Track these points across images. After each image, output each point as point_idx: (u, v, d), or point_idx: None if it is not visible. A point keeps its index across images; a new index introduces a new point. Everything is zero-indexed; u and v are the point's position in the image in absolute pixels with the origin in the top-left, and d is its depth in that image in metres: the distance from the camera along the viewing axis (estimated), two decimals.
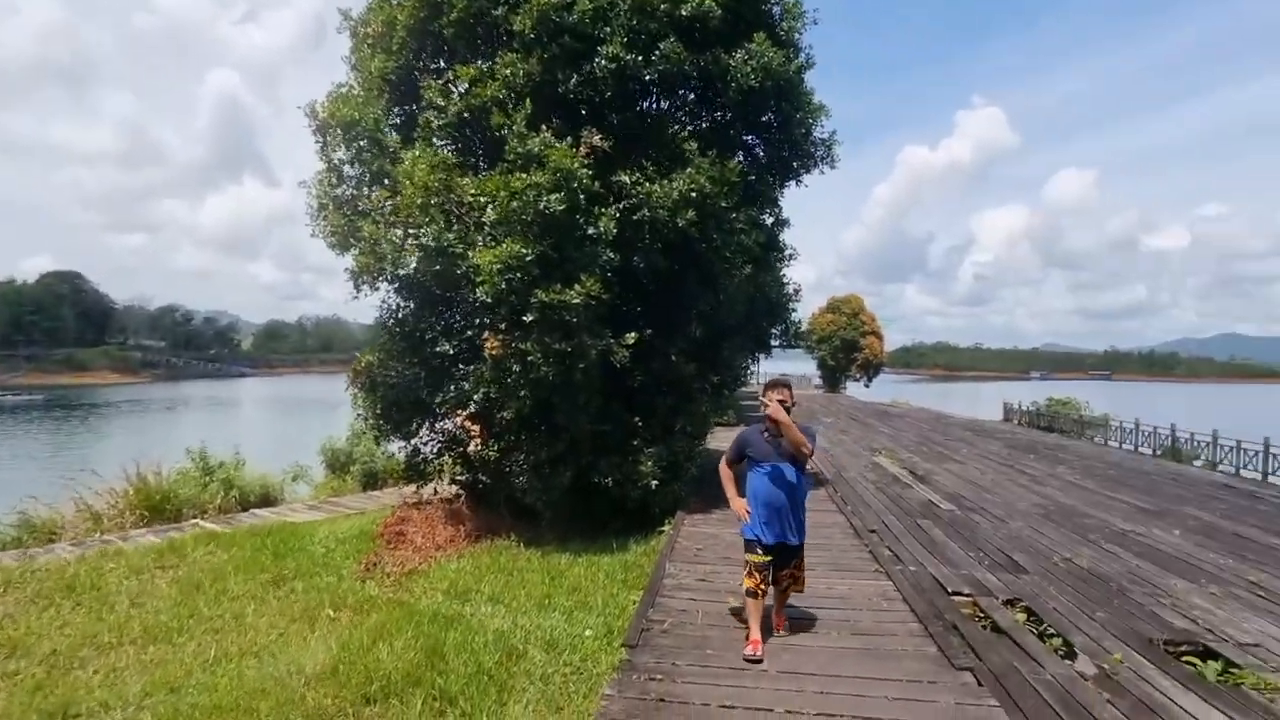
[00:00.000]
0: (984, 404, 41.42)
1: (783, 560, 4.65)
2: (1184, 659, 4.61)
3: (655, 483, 8.23)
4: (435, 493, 9.95)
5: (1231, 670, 4.39)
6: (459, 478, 9.65)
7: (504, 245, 6.98)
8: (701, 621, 4.94)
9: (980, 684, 4.03)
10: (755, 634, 4.42)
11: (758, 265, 8.81)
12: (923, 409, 32.10)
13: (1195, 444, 16.75)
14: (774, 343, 11.15)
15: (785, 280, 10.36)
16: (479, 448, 8.99)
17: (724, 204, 7.78)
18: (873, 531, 7.74)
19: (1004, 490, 10.79)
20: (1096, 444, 19.50)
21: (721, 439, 16.88)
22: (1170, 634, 4.92)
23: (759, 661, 4.27)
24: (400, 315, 9.00)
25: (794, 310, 10.60)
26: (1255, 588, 6.07)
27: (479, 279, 7.04)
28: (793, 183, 9.69)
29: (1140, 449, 18.23)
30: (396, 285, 8.74)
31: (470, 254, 7.26)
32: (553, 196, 6.98)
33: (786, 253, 9.90)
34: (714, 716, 3.71)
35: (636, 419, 8.50)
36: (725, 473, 4.82)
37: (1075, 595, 5.72)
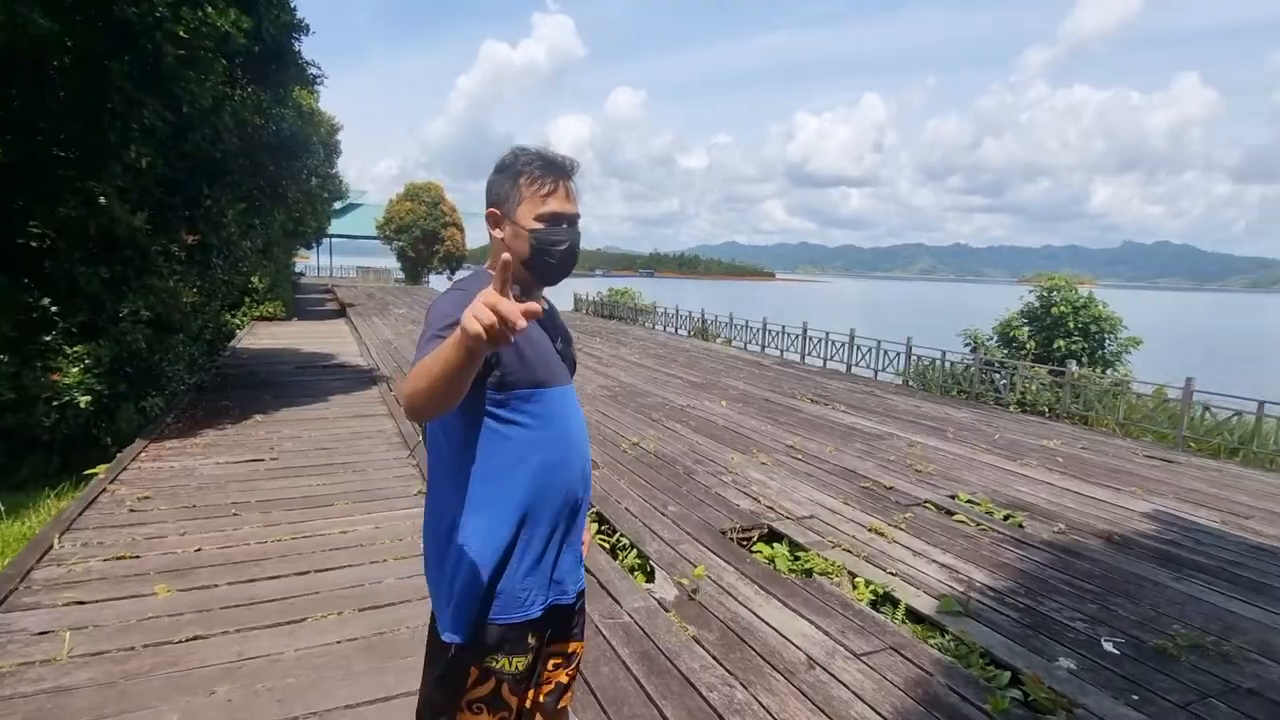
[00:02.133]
0: (559, 296, 43.64)
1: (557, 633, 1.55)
2: (754, 549, 4.09)
3: (87, 399, 5.21)
4: None
5: (799, 554, 3.97)
6: None
7: None
8: (69, 677, 2.66)
9: None
10: None
11: (255, 77, 6.01)
12: None
13: (718, 324, 19.38)
14: (332, 217, 8.37)
15: (317, 112, 7.58)
16: None
17: None
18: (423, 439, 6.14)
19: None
20: (647, 328, 21.39)
21: (269, 337, 13.46)
22: (737, 519, 4.41)
23: None
24: None
25: (337, 155, 7.94)
26: (794, 451, 6.24)
27: None
28: None
29: (679, 331, 20.52)
30: None
31: None
32: None
33: (309, 70, 6.89)
34: None
35: (46, 300, 5.22)
36: None
37: (645, 488, 4.98)
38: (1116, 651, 3.01)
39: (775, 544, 4.15)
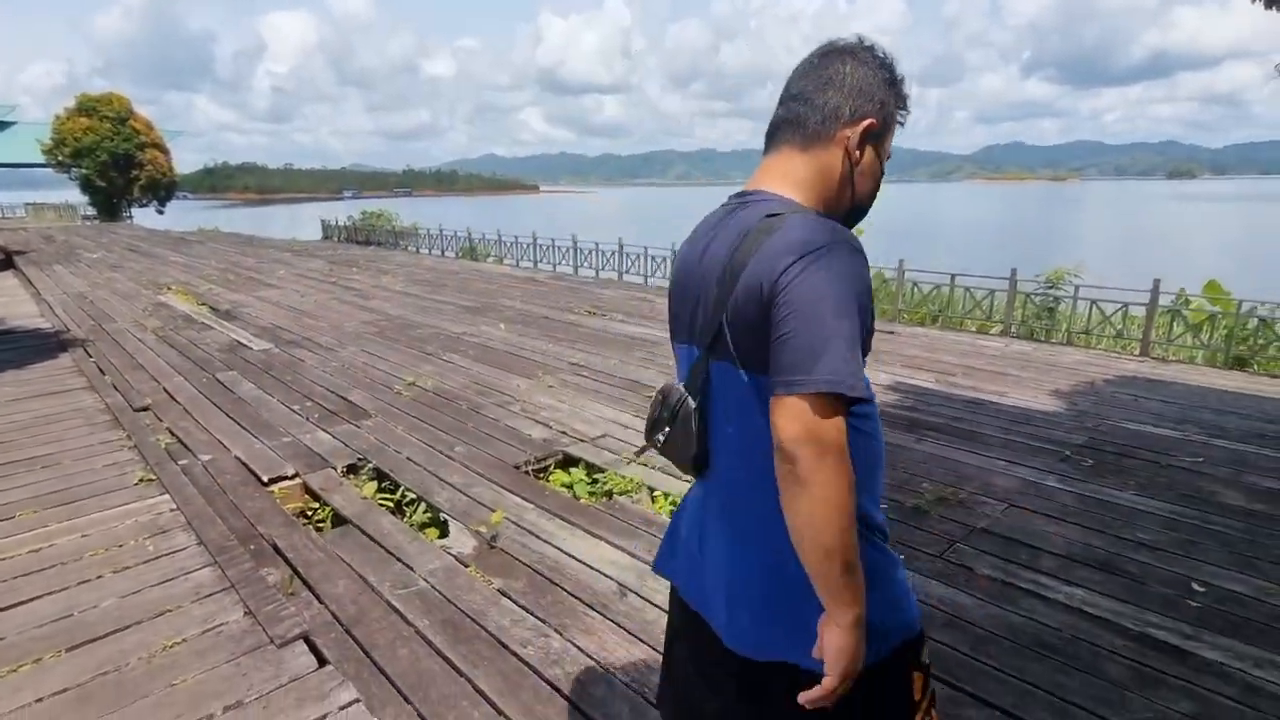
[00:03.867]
0: (303, 224, 38.91)
1: None
2: (551, 479, 3.94)
3: None
4: None
5: (596, 476, 3.90)
6: None
7: None
8: None
9: (322, 659, 2.33)
10: None
11: None
12: (234, 234, 27.73)
13: (486, 243, 18.58)
14: None
15: None
16: None
17: None
18: (144, 409, 5.06)
19: (331, 312, 9.20)
20: (410, 252, 19.90)
21: None
22: (531, 450, 4.22)
23: None
24: None
25: None
26: (579, 369, 6.14)
27: None
28: None
29: (446, 253, 19.37)
30: None
31: None
32: None
33: None
34: None
35: None
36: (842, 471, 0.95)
37: (429, 431, 4.57)
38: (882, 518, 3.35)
39: (572, 469, 4.04)
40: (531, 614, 2.59)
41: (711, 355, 1.10)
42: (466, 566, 2.92)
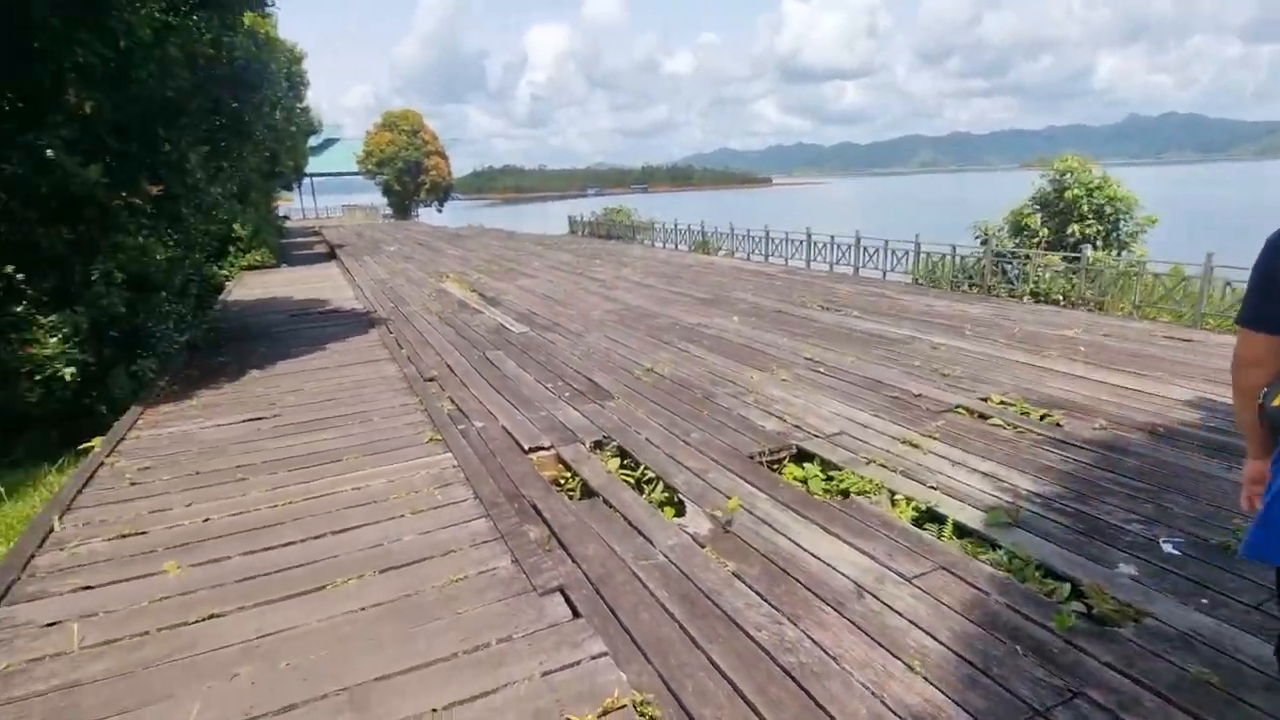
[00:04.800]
0: (553, 221, 42.76)
1: None
2: (784, 472, 3.93)
3: (71, 370, 4.98)
4: None
5: (832, 474, 3.80)
6: None
7: None
8: (82, 670, 2.51)
9: (576, 611, 2.57)
10: None
11: (199, 3, 5.44)
12: (496, 229, 31.29)
13: (719, 237, 18.85)
14: (309, 155, 7.83)
15: (274, 39, 7.00)
16: None
17: None
18: (431, 379, 5.93)
19: (578, 300, 10.02)
20: (647, 246, 20.88)
21: (259, 287, 13.06)
22: (764, 441, 4.23)
23: None
24: None
25: (304, 86, 7.39)
26: (814, 364, 6.02)
27: None
28: None
29: (680, 246, 20.02)
30: None
31: None
32: None
33: None
34: None
35: (10, 268, 4.90)
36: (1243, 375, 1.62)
37: (666, 415, 4.79)
38: (1178, 553, 2.86)
39: (806, 464, 3.99)
40: (766, 600, 2.61)
41: None
42: (702, 547, 3.02)
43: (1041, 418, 4.52)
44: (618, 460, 4.11)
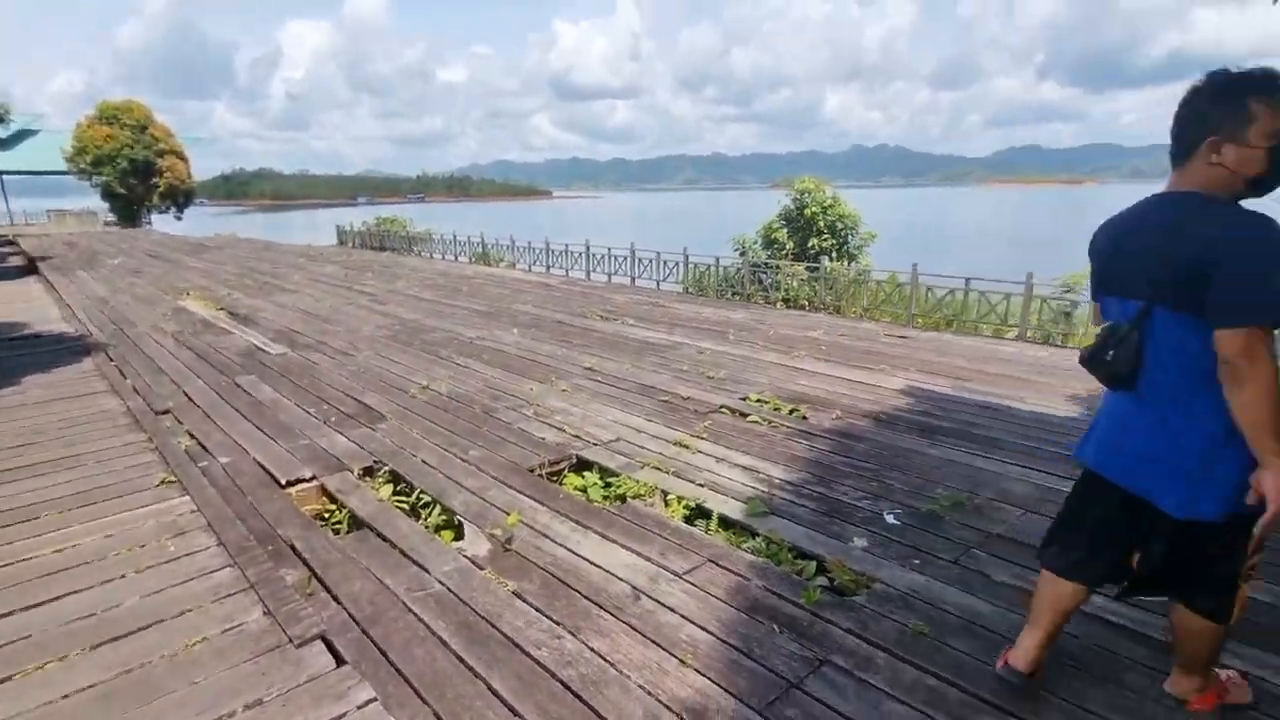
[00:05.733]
0: (320, 230, 39.23)
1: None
2: (564, 482, 3.96)
3: None
4: None
5: (610, 480, 3.91)
6: None
7: None
8: None
9: (340, 658, 2.36)
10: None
11: None
12: (251, 240, 28.07)
13: (499, 248, 18.68)
14: None
15: None
16: None
17: None
18: (165, 412, 5.13)
19: (346, 316, 9.30)
20: (425, 257, 20.06)
21: None
22: (544, 453, 4.24)
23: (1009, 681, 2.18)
24: None
25: None
26: (592, 373, 6.16)
27: None
28: None
29: (460, 258, 19.50)
30: None
31: None
32: None
33: None
34: None
35: None
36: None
37: (444, 434, 4.60)
38: (898, 523, 3.34)
39: (586, 473, 4.06)
40: (546, 615, 2.60)
41: (1154, 303, 1.73)
42: (481, 569, 2.94)
43: (791, 412, 5.06)
44: (390, 486, 3.86)
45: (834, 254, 13.76)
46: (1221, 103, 1.67)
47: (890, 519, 3.37)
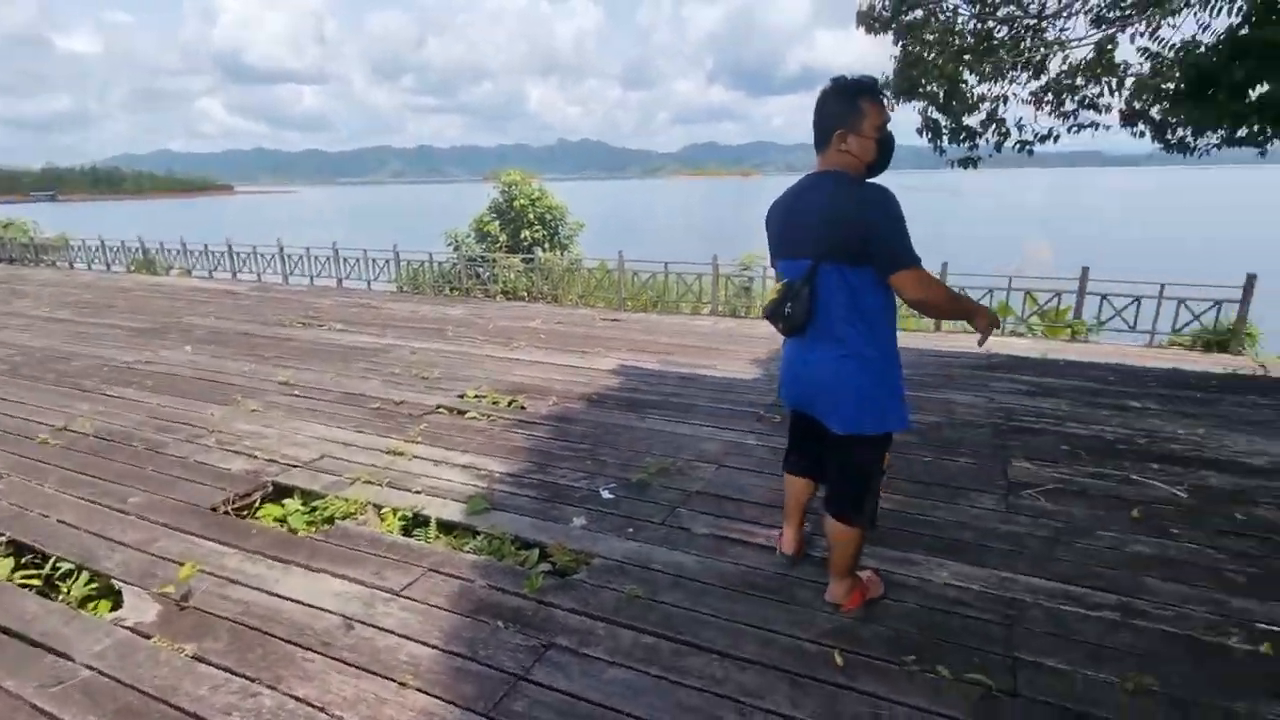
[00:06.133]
0: None
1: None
2: (259, 516, 3.49)
3: None
4: None
5: (314, 504, 3.54)
6: None
7: None
8: None
9: None
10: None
11: None
12: None
13: (168, 254, 15.92)
14: None
15: None
16: None
17: None
18: None
19: None
20: (61, 269, 16.32)
21: None
22: (231, 486, 3.69)
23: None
24: None
25: None
26: (288, 388, 5.51)
27: None
28: None
29: (113, 267, 16.22)
30: None
31: None
32: None
33: None
34: None
35: None
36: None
37: (90, 483, 3.76)
38: (612, 496, 3.52)
39: (285, 501, 3.62)
40: (236, 675, 2.26)
41: (823, 261, 2.14)
42: (149, 638, 2.46)
43: (510, 404, 5.06)
44: (11, 561, 3.05)
45: (546, 245, 14.08)
46: (843, 103, 2.12)
47: (605, 494, 3.54)
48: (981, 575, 2.79)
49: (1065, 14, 4.69)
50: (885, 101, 2.18)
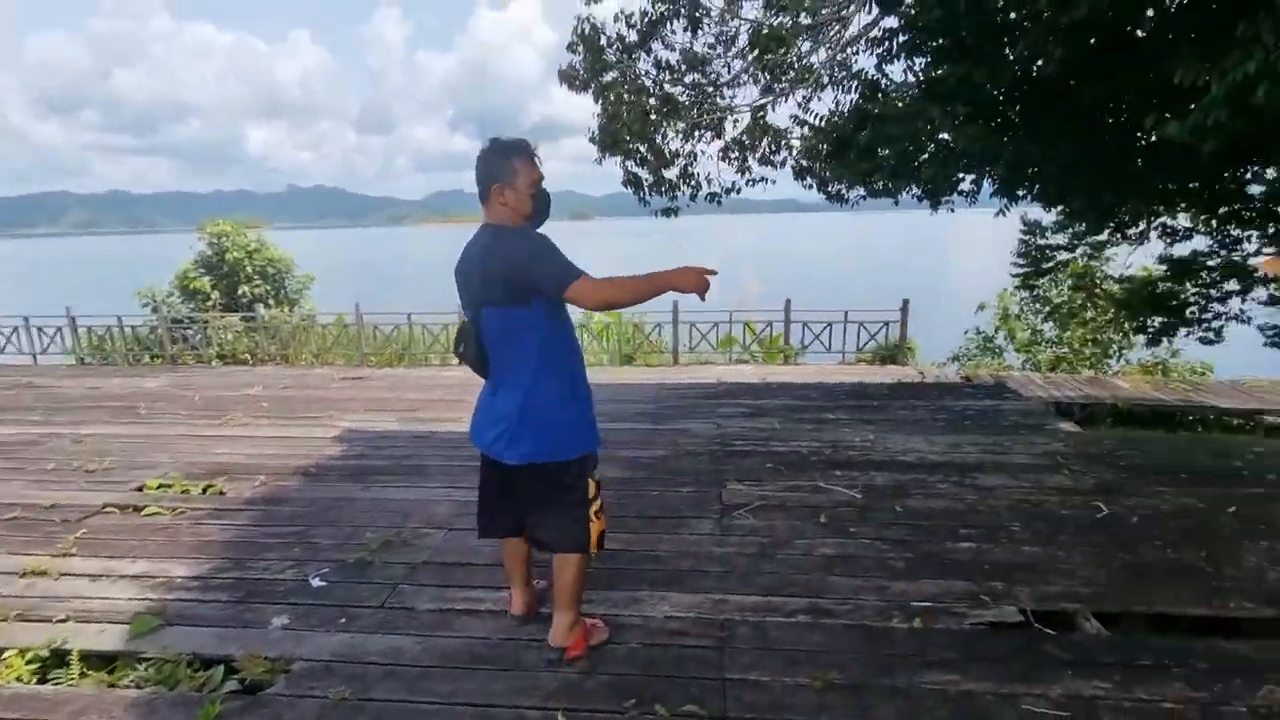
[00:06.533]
0: None
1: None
2: None
3: None
4: None
5: None
6: None
7: None
8: None
9: None
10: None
11: None
12: None
13: None
14: None
15: None
16: None
17: None
18: None
19: None
20: None
21: None
22: None
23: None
24: None
25: None
26: None
27: None
28: None
29: None
30: None
31: None
32: None
33: None
34: None
35: None
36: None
37: None
38: (324, 584, 3.15)
39: None
40: None
41: (484, 305, 2.25)
42: None
43: (205, 490, 4.36)
44: None
45: (271, 300, 12.73)
46: (498, 161, 2.25)
47: (316, 582, 3.16)
48: (697, 602, 2.93)
49: (736, 83, 5.42)
50: (536, 160, 2.28)
